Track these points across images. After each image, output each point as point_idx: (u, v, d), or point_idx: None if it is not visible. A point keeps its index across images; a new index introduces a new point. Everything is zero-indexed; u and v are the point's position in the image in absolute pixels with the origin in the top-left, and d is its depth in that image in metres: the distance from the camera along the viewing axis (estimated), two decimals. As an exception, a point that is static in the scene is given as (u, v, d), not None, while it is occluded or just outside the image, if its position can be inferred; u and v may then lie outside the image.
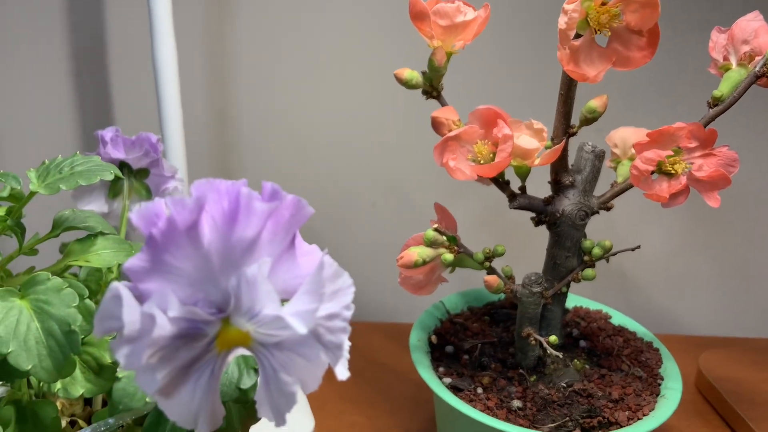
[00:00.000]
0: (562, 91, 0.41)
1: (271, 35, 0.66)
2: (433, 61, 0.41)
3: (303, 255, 0.24)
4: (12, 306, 0.29)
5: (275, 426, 0.23)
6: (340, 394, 0.61)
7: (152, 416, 0.31)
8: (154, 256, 0.22)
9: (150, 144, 0.49)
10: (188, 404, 0.23)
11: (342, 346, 0.22)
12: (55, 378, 0.29)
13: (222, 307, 0.22)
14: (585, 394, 0.46)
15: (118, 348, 0.21)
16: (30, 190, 0.32)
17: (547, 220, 0.44)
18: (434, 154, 0.42)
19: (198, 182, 0.21)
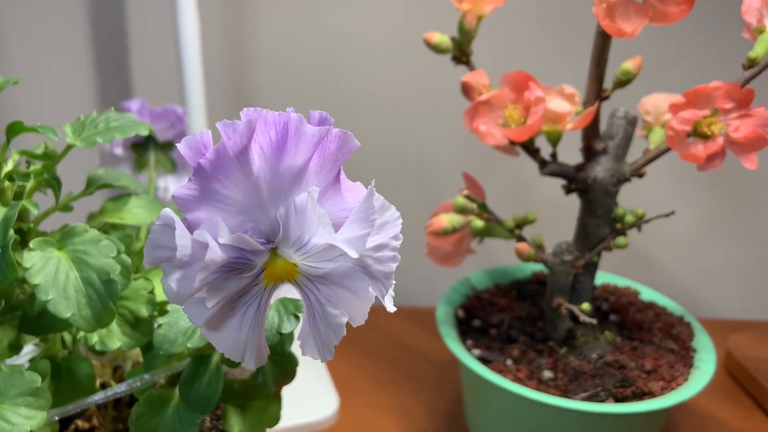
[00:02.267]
0: (594, 53, 0.40)
1: (293, 8, 0.66)
2: (464, 24, 0.41)
3: (348, 190, 0.23)
4: (50, 256, 0.29)
5: (321, 360, 0.23)
6: (363, 374, 0.61)
7: (189, 370, 0.31)
8: (203, 185, 0.21)
9: (176, 116, 0.49)
10: (236, 337, 0.23)
11: (391, 275, 0.22)
12: (94, 327, 0.29)
13: (270, 236, 0.22)
14: (617, 365, 0.45)
15: (169, 273, 0.21)
16: (67, 143, 0.32)
17: (578, 187, 0.43)
18: (464, 119, 0.42)
19: (247, 110, 0.21)
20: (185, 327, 0.28)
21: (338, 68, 0.67)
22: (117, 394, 0.32)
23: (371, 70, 0.67)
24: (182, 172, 0.50)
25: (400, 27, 0.65)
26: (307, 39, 0.67)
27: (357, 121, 0.69)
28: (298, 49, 0.67)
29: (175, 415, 0.31)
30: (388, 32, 0.65)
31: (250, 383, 0.35)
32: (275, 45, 0.67)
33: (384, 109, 0.68)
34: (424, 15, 0.64)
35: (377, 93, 0.68)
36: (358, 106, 0.68)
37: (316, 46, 0.67)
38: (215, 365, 0.31)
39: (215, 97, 0.67)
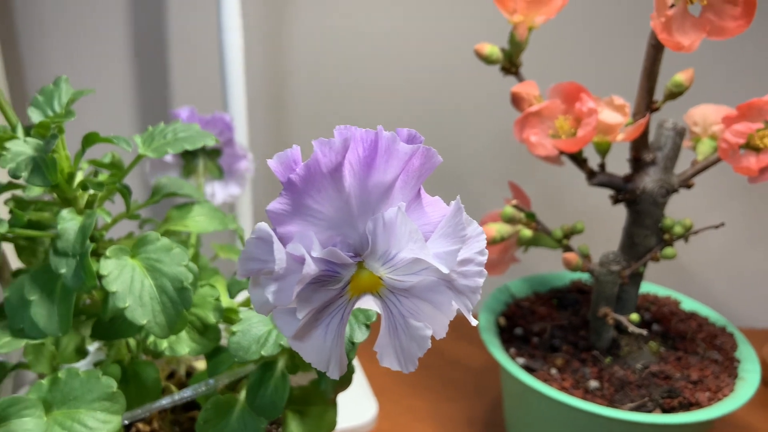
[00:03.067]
0: (646, 65, 0.41)
1: (333, 16, 0.67)
2: (515, 35, 0.41)
3: (428, 204, 0.24)
4: (125, 264, 0.30)
5: (404, 371, 0.23)
6: (401, 380, 0.61)
7: (255, 377, 0.32)
8: (294, 199, 0.22)
9: (224, 124, 0.50)
10: (321, 347, 0.23)
11: (478, 290, 0.22)
12: (167, 333, 0.29)
13: (358, 250, 0.23)
14: (662, 376, 0.45)
15: (265, 285, 0.21)
16: (138, 153, 0.33)
17: (626, 198, 0.43)
18: (514, 129, 0.42)
19: (339, 127, 0.22)
20: (258, 335, 0.29)
21: (373, 75, 0.68)
22: (183, 399, 0.33)
23: (405, 77, 0.68)
24: (229, 179, 0.51)
25: (433, 35, 0.66)
26: (344, 47, 0.67)
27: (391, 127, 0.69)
28: (336, 57, 0.68)
29: (240, 420, 0.32)
30: (423, 40, 0.66)
31: (309, 389, 0.35)
32: (313, 52, 0.68)
33: (420, 117, 0.69)
34: (461, 23, 0.64)
35: (412, 100, 0.68)
36: (392, 112, 0.69)
37: (353, 54, 0.67)
38: (281, 372, 0.32)
39: (255, 103, 0.68)
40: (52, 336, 0.29)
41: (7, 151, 0.28)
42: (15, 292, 0.30)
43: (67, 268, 0.29)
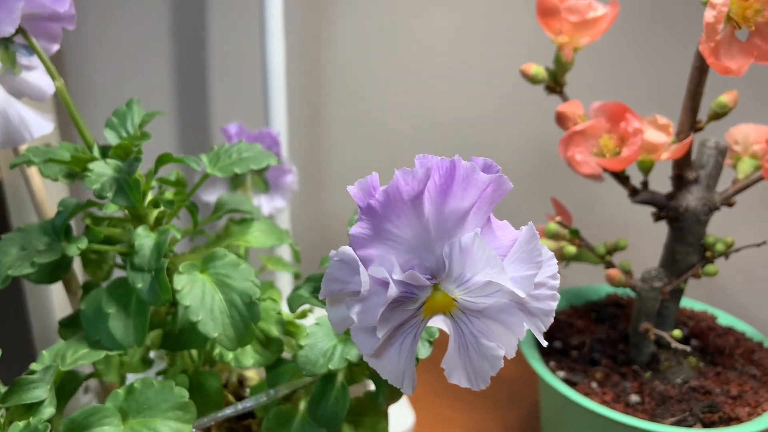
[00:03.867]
0: (690, 87, 0.41)
1: (367, 37, 0.68)
2: (560, 56, 0.42)
3: (498, 228, 0.25)
4: (196, 279, 0.31)
5: (475, 388, 0.24)
6: (436, 391, 0.62)
7: (317, 388, 0.33)
8: (375, 224, 0.23)
9: (272, 139, 0.51)
10: (396, 364, 0.24)
11: (551, 313, 0.23)
12: (236, 346, 0.31)
13: (435, 273, 0.24)
14: (702, 391, 0.46)
15: (349, 306, 0.23)
16: (206, 172, 0.34)
17: (669, 215, 0.44)
18: (559, 148, 0.43)
19: (420, 156, 0.23)
20: (324, 349, 0.30)
21: (409, 89, 0.69)
22: (246, 409, 0.34)
23: (441, 93, 0.69)
24: (274, 192, 0.52)
25: (470, 51, 0.67)
26: (381, 62, 0.69)
27: (422, 144, 0.71)
28: (372, 71, 0.69)
29: (300, 429, 0.33)
30: (459, 55, 0.67)
31: (363, 401, 0.36)
32: (350, 66, 0.69)
33: (455, 132, 0.70)
34: (497, 38, 0.65)
35: (447, 115, 0.69)
36: (428, 126, 0.70)
37: (389, 68, 0.69)
38: (341, 384, 0.33)
39: (292, 117, 0.70)
40: (128, 347, 0.30)
41: (90, 172, 0.29)
42: (91, 305, 0.32)
43: (143, 282, 0.30)
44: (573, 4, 0.41)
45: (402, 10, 0.66)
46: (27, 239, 0.31)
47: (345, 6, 0.67)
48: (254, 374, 0.45)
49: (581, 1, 0.41)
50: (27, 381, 0.27)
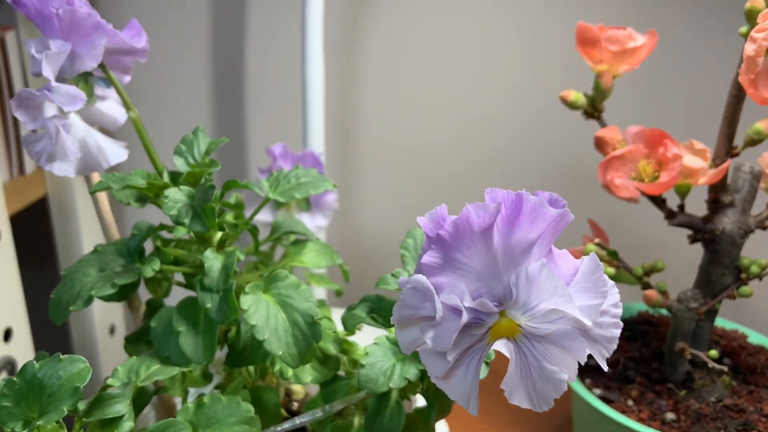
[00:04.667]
0: (726, 113, 0.43)
1: (398, 59, 0.70)
2: (600, 83, 0.44)
3: (559, 258, 0.26)
4: (260, 299, 0.33)
5: (538, 410, 0.26)
6: (467, 403, 0.63)
7: (373, 405, 0.34)
8: (445, 254, 0.25)
9: (314, 159, 0.53)
10: (462, 386, 0.26)
11: (614, 339, 0.24)
12: (298, 364, 0.32)
13: (502, 300, 0.25)
14: (736, 409, 0.47)
15: (424, 331, 0.24)
16: (267, 196, 0.36)
17: (705, 238, 0.45)
18: (598, 172, 0.44)
19: (489, 190, 0.25)
20: (383, 368, 0.31)
21: (440, 110, 0.71)
22: (302, 423, 0.35)
23: (466, 113, 0.70)
24: (315, 211, 0.54)
25: (499, 71, 0.68)
26: (411, 83, 0.70)
27: (450, 162, 0.72)
28: (403, 92, 0.71)
29: (355, 444, 0.35)
30: (490, 76, 0.69)
31: (414, 417, 0.38)
32: (382, 87, 0.71)
33: (486, 152, 0.71)
34: (524, 59, 0.67)
35: (472, 134, 0.71)
36: (452, 147, 0.72)
37: (420, 89, 0.71)
38: (395, 401, 0.34)
39: (327, 136, 0.72)
40: (198, 364, 0.32)
41: (167, 198, 0.31)
42: (161, 322, 0.33)
43: (212, 302, 0.32)
44: (613, 34, 0.42)
45: (433, 32, 0.68)
46: (104, 260, 0.32)
47: (379, 28, 0.69)
48: (300, 388, 0.46)
49: (621, 32, 0.42)
50: (109, 396, 0.29)
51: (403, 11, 0.68)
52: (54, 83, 0.30)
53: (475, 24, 0.67)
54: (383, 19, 0.68)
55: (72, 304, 0.30)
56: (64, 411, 0.25)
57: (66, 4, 0.30)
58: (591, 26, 0.43)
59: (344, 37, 0.70)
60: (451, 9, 0.67)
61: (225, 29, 0.71)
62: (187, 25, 0.71)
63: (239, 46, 0.72)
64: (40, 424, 0.25)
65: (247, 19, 0.70)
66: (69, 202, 0.66)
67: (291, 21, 0.69)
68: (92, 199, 0.36)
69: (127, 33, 0.33)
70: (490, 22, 0.67)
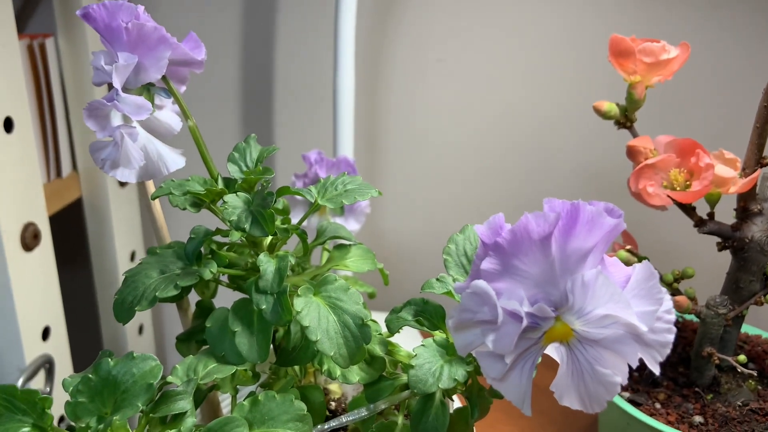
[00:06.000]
0: (757, 124, 0.44)
1: (425, 68, 0.71)
2: (633, 94, 0.45)
3: (611, 265, 0.28)
4: (311, 302, 0.34)
5: (590, 411, 0.27)
6: (494, 408, 0.64)
7: (418, 406, 0.35)
8: (503, 261, 0.26)
9: (348, 165, 0.54)
10: (518, 387, 0.27)
11: (668, 344, 0.26)
12: (348, 364, 0.34)
13: (557, 305, 0.26)
14: (763, 413, 0.48)
15: (485, 334, 0.25)
16: (315, 202, 0.37)
17: (734, 245, 0.46)
18: (630, 181, 0.46)
19: (547, 200, 0.26)
20: (432, 369, 0.33)
21: (461, 118, 0.72)
22: (349, 422, 0.37)
23: (490, 120, 0.71)
24: (349, 216, 0.55)
25: (522, 78, 0.69)
26: (437, 89, 0.72)
27: (474, 169, 0.73)
28: (429, 98, 0.72)
29: (401, 442, 0.36)
30: (514, 82, 0.70)
31: (453, 418, 0.39)
32: (407, 94, 0.72)
33: (511, 161, 0.72)
34: (546, 65, 0.68)
35: (496, 141, 0.72)
36: (475, 153, 0.73)
37: (444, 98, 0.72)
38: (439, 401, 0.35)
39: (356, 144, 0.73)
40: (252, 363, 0.33)
41: (227, 204, 0.32)
42: (216, 323, 0.35)
43: (267, 304, 0.33)
44: (647, 46, 0.43)
45: (458, 42, 0.69)
46: (164, 263, 0.34)
47: (406, 38, 0.70)
48: (337, 387, 0.47)
49: (655, 45, 0.43)
50: (173, 393, 0.30)
51: (430, 21, 0.69)
52: (122, 94, 0.31)
53: (499, 33, 0.68)
54: (410, 29, 0.69)
55: (137, 305, 0.32)
56: (139, 406, 0.27)
57: (133, 18, 0.31)
58: (625, 38, 0.44)
59: (373, 45, 0.71)
60: (475, 19, 0.68)
61: (256, 37, 0.73)
62: (219, 33, 0.73)
63: (270, 55, 0.73)
64: (116, 418, 0.27)
65: (277, 27, 0.72)
66: (103, 205, 0.67)
67: (321, 29, 0.70)
68: (142, 205, 0.37)
69: (187, 45, 0.34)
70: (514, 31, 0.68)
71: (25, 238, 0.55)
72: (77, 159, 0.67)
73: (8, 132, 0.52)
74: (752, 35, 0.61)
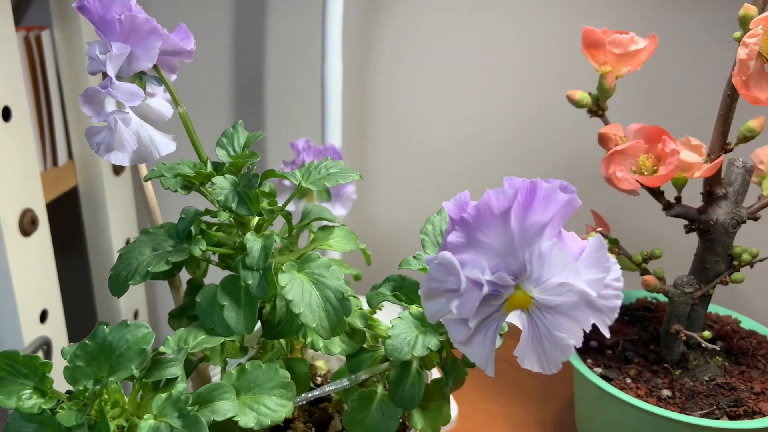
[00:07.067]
0: (721, 112, 0.46)
1: (411, 59, 0.73)
2: (603, 83, 0.47)
3: (568, 239, 0.30)
4: (295, 278, 0.36)
5: (547, 372, 0.29)
6: (475, 385, 0.67)
7: (396, 374, 0.38)
8: (468, 234, 0.28)
9: (335, 152, 0.57)
10: (481, 350, 0.29)
11: (616, 309, 0.28)
12: (330, 335, 0.36)
13: (517, 275, 0.29)
14: (728, 387, 0.50)
15: (449, 300, 0.28)
16: (300, 185, 0.39)
17: (700, 228, 0.49)
18: (601, 166, 0.48)
19: (508, 178, 0.28)
20: (407, 339, 0.35)
21: (446, 106, 0.74)
22: (331, 391, 0.39)
23: (475, 108, 0.74)
24: (335, 201, 0.58)
25: (506, 68, 0.72)
26: (423, 78, 0.74)
27: (459, 156, 0.76)
28: (415, 88, 0.74)
29: (379, 410, 0.38)
30: (499, 72, 0.72)
31: (431, 387, 0.41)
32: (393, 85, 0.74)
33: (496, 148, 0.75)
34: (529, 54, 0.70)
35: (480, 129, 0.74)
36: (461, 141, 0.75)
37: (430, 87, 0.74)
38: (416, 370, 0.38)
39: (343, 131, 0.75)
40: (239, 334, 0.36)
41: (215, 186, 0.34)
42: (206, 297, 0.37)
43: (253, 279, 0.35)
44: (616, 38, 0.46)
45: (444, 34, 0.71)
46: (156, 241, 0.36)
47: (393, 30, 0.72)
48: (323, 364, 0.50)
49: (624, 36, 0.46)
50: (165, 360, 0.33)
51: (416, 14, 0.71)
52: (116, 81, 0.33)
53: (484, 25, 0.70)
54: (397, 22, 0.71)
55: (131, 279, 0.34)
56: (132, 369, 0.29)
57: (126, 10, 0.33)
58: (596, 30, 0.46)
59: (360, 39, 0.73)
60: (461, 11, 0.70)
61: (246, 31, 0.75)
62: (210, 26, 0.75)
63: (260, 48, 0.75)
64: (112, 380, 0.29)
65: (267, 20, 0.74)
66: (98, 192, 0.69)
67: (310, 23, 0.72)
68: (136, 188, 0.39)
69: (177, 35, 0.36)
70: (498, 24, 0.70)
71: (23, 224, 0.57)
72: (73, 148, 0.69)
73: (6, 121, 0.54)
74: (719, 28, 0.64)
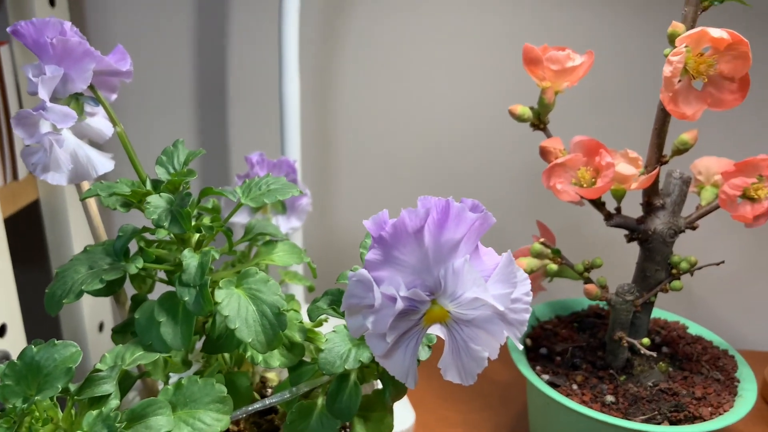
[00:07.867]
0: (656, 126, 0.48)
1: (373, 70, 0.74)
2: (543, 99, 0.49)
3: (484, 254, 0.31)
4: (232, 293, 0.37)
5: (465, 383, 0.30)
6: (435, 393, 0.68)
7: (333, 386, 0.39)
8: (384, 251, 0.29)
9: (289, 166, 0.58)
10: (402, 364, 0.30)
11: (525, 322, 0.29)
12: (266, 350, 0.37)
13: (433, 290, 0.30)
14: (670, 393, 0.52)
15: (365, 317, 0.29)
16: (240, 202, 0.40)
17: (639, 237, 0.50)
18: (542, 178, 0.49)
19: (422, 197, 0.29)
20: (340, 352, 0.36)
21: (409, 120, 0.75)
22: (272, 403, 0.40)
23: (435, 122, 0.75)
24: (291, 214, 0.58)
25: (465, 82, 0.73)
26: (384, 90, 0.75)
27: (420, 169, 0.77)
28: (376, 100, 0.75)
29: (318, 421, 0.39)
30: (456, 86, 0.73)
31: (372, 398, 0.42)
32: (355, 99, 0.75)
33: (454, 159, 0.76)
34: (489, 71, 0.72)
35: (440, 143, 0.76)
36: (422, 155, 0.76)
37: (392, 100, 0.75)
38: (353, 383, 0.39)
39: (306, 144, 0.76)
40: (176, 350, 0.36)
41: (149, 204, 0.35)
42: (144, 314, 0.38)
43: (190, 296, 0.36)
44: (553, 54, 0.47)
45: (406, 41, 0.73)
46: (93, 259, 0.37)
47: (354, 36, 0.73)
48: (274, 376, 0.51)
49: (560, 53, 0.47)
50: (98, 377, 0.33)
51: (378, 19, 0.72)
52: (48, 103, 0.34)
53: (445, 34, 0.72)
54: (359, 27, 0.73)
55: (65, 297, 0.34)
56: (59, 388, 0.30)
57: (59, 33, 0.34)
58: (534, 47, 0.48)
59: (320, 45, 0.74)
60: (423, 19, 0.71)
61: (205, 41, 0.75)
62: (169, 36, 0.75)
63: (220, 57, 0.76)
64: (38, 399, 0.29)
65: (227, 29, 0.74)
66: (60, 206, 0.70)
67: (269, 31, 0.73)
68: (82, 205, 0.40)
69: (113, 57, 0.37)
70: (460, 33, 0.71)
71: (-22, 239, 0.57)
72: (33, 162, 0.69)
73: (-41, 137, 0.54)
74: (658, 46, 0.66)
